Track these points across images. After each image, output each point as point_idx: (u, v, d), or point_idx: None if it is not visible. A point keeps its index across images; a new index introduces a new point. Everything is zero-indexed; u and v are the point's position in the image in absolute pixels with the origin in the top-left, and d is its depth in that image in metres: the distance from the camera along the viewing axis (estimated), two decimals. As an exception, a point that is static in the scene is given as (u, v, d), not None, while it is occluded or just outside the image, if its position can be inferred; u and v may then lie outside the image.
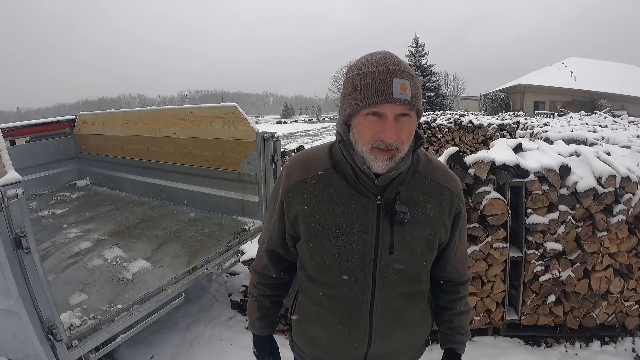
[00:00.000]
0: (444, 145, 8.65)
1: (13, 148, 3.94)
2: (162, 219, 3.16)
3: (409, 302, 0.95)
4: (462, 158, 2.21)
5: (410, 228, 0.88)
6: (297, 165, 0.93)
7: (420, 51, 35.15)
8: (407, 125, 0.80)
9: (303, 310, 1.00)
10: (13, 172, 1.41)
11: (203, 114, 3.10)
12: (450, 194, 0.93)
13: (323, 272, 0.92)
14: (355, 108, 0.80)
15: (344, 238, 0.87)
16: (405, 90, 0.77)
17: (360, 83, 0.79)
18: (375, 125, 0.79)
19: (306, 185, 0.90)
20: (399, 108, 0.77)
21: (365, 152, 0.81)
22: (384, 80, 0.77)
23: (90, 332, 1.73)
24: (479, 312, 2.34)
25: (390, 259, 0.88)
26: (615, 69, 27.70)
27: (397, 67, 0.78)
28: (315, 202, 0.88)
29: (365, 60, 0.82)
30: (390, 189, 0.86)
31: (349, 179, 0.87)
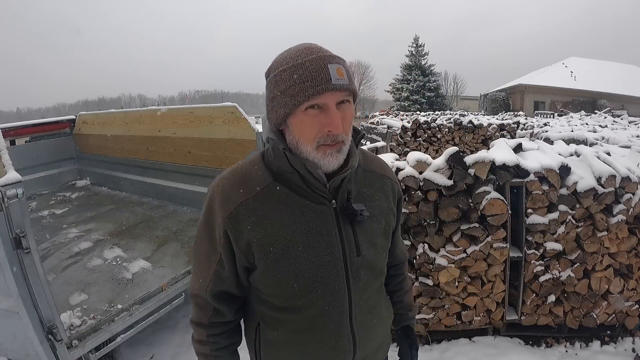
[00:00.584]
0: (444, 145, 8.64)
1: (13, 148, 3.94)
2: (162, 219, 3.16)
3: (378, 297, 0.95)
4: (462, 158, 2.21)
5: (369, 224, 0.86)
6: (231, 187, 0.81)
7: (420, 51, 35.13)
8: (348, 112, 0.76)
9: (274, 344, 0.89)
10: (13, 172, 1.41)
11: (203, 114, 3.10)
12: (390, 182, 0.93)
13: (294, 297, 0.82)
14: (293, 104, 0.72)
15: (309, 254, 0.79)
16: (342, 74, 0.72)
17: (293, 77, 0.71)
18: (318, 119, 0.72)
19: (250, 207, 0.78)
20: (340, 95, 0.72)
21: (311, 152, 0.75)
22: (319, 67, 0.71)
23: (90, 332, 1.73)
24: (479, 312, 2.34)
25: (359, 260, 0.84)
26: (615, 69, 27.69)
27: (327, 53, 0.74)
28: (266, 223, 0.78)
29: (289, 54, 0.75)
30: (342, 190, 0.82)
31: (297, 189, 0.80)
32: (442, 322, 2.36)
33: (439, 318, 2.35)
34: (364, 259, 0.85)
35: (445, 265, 2.22)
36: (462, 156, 2.22)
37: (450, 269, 2.23)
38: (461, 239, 2.21)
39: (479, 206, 2.16)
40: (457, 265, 2.23)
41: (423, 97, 33.26)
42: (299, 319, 0.85)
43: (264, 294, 0.85)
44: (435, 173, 2.20)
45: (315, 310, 0.83)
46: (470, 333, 2.42)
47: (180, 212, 3.31)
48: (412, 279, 2.31)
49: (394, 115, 17.14)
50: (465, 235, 2.22)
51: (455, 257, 2.22)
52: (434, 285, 2.28)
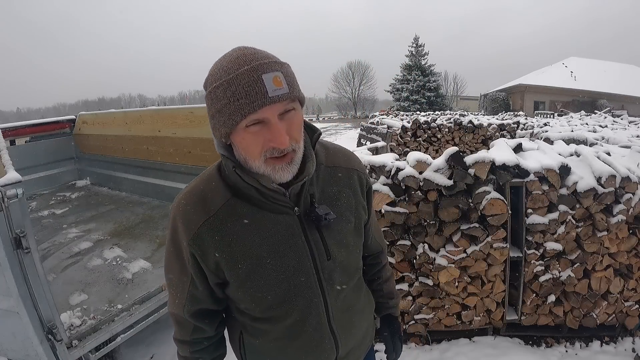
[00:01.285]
0: (444, 145, 8.64)
1: (13, 148, 3.94)
2: (162, 219, 3.16)
3: (355, 293, 0.95)
4: (462, 158, 2.21)
5: (337, 226, 0.84)
6: (191, 207, 0.79)
7: (420, 51, 35.14)
8: (295, 121, 0.72)
9: (258, 351, 0.91)
10: (13, 172, 1.41)
11: (203, 114, 3.10)
12: (357, 174, 0.90)
13: (270, 308, 0.83)
14: (231, 124, 0.68)
15: (278, 266, 0.79)
16: (280, 83, 0.67)
17: (227, 94, 0.67)
18: (260, 135, 0.69)
19: (213, 226, 0.77)
20: (280, 106, 0.68)
21: (261, 166, 0.72)
22: (253, 80, 0.66)
23: (90, 332, 1.73)
24: (479, 312, 2.34)
25: (330, 264, 0.84)
26: (615, 69, 27.69)
27: (262, 61, 0.68)
28: (231, 241, 0.77)
29: (222, 67, 0.70)
30: (304, 196, 0.79)
31: (257, 203, 0.78)
32: (442, 322, 2.36)
33: (439, 318, 2.35)
34: (335, 261, 0.84)
35: (445, 265, 2.22)
36: (462, 156, 2.22)
37: (450, 269, 2.23)
38: (461, 239, 2.21)
39: (479, 206, 2.16)
40: (457, 265, 2.23)
41: (423, 97, 33.25)
42: (278, 327, 0.85)
43: (244, 306, 0.85)
44: (435, 173, 2.20)
45: (293, 319, 0.84)
46: (470, 333, 2.42)
47: (180, 212, 3.31)
48: (412, 278, 2.32)
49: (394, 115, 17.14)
50: (465, 235, 2.22)
51: (455, 257, 2.22)
52: (434, 285, 2.28)
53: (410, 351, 2.33)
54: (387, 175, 2.25)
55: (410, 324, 2.36)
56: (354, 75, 51.98)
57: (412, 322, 2.36)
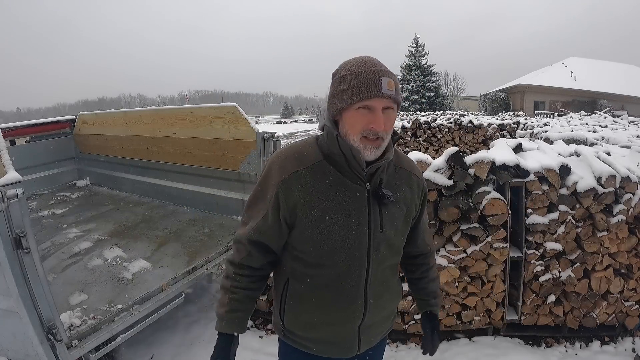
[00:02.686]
0: (444, 145, 8.64)
1: (13, 148, 3.93)
2: (162, 219, 3.16)
3: (392, 272, 1.10)
4: (462, 158, 2.21)
5: (393, 208, 1.01)
6: (288, 158, 0.99)
7: (420, 51, 35.14)
8: (391, 117, 0.93)
9: (298, 297, 1.05)
10: (13, 172, 1.41)
11: (203, 114, 3.10)
12: (417, 179, 1.09)
13: (323, 256, 0.98)
14: (349, 102, 0.90)
15: (342, 222, 0.96)
16: (391, 87, 0.90)
17: (354, 81, 0.90)
18: (366, 117, 0.90)
19: (301, 176, 0.96)
20: (386, 102, 0.90)
21: (356, 141, 0.92)
22: (375, 78, 0.89)
23: (90, 332, 1.73)
24: (479, 312, 2.34)
25: (381, 236, 1.00)
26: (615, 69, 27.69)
27: (383, 68, 0.92)
28: (312, 192, 0.95)
29: (354, 63, 0.93)
30: (376, 177, 0.98)
31: (341, 169, 0.96)
32: (442, 322, 2.36)
33: (439, 318, 2.35)
34: (384, 235, 1.00)
35: (445, 265, 2.22)
36: (462, 156, 2.22)
37: (450, 269, 2.23)
38: (461, 239, 2.21)
39: (479, 206, 2.16)
40: (457, 265, 2.23)
41: (423, 97, 33.25)
42: (324, 275, 1.00)
43: (299, 250, 1.01)
44: (435, 173, 2.20)
45: (338, 270, 0.99)
46: (470, 333, 2.42)
47: (180, 212, 3.30)
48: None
49: (394, 115, 17.09)
50: (465, 235, 2.22)
51: (455, 257, 2.22)
52: (434, 285, 2.28)
53: (410, 351, 2.33)
54: (387, 175, 2.24)
55: (410, 324, 2.36)
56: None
57: (412, 322, 2.36)
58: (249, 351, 2.33)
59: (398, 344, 2.41)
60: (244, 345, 2.42)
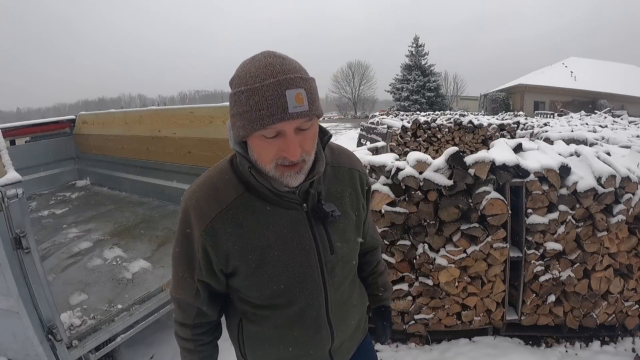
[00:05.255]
0: (444, 145, 8.64)
1: (13, 148, 3.94)
2: (162, 219, 3.16)
3: (351, 287, 0.99)
4: (462, 158, 2.21)
5: (341, 222, 0.89)
6: (203, 199, 0.83)
7: (420, 51, 35.13)
8: (310, 135, 0.75)
9: (256, 338, 0.94)
10: (13, 172, 1.41)
11: (203, 114, 3.10)
12: (358, 174, 0.95)
13: (273, 297, 0.86)
14: (250, 130, 0.71)
15: (285, 257, 0.83)
16: (301, 101, 0.69)
17: (249, 101, 0.69)
18: (275, 145, 0.72)
19: (226, 218, 0.80)
20: (297, 122, 0.70)
21: (271, 171, 0.76)
22: (276, 95, 0.68)
23: (90, 332, 1.73)
24: (479, 312, 2.34)
25: (333, 258, 0.89)
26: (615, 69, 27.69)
27: (287, 75, 0.69)
28: (242, 233, 0.81)
29: (249, 71, 0.71)
30: (312, 193, 0.84)
31: (268, 199, 0.82)
32: (442, 322, 2.36)
33: (439, 318, 2.35)
34: (337, 256, 0.89)
35: (445, 265, 2.22)
36: (462, 156, 2.22)
37: (450, 269, 2.23)
38: (461, 239, 2.21)
39: (479, 206, 2.16)
40: (457, 265, 2.23)
41: (423, 97, 33.24)
42: (279, 315, 0.89)
43: (244, 295, 0.89)
44: (435, 173, 2.20)
45: (294, 308, 0.88)
46: (470, 333, 2.42)
47: (180, 212, 3.31)
48: (412, 278, 2.32)
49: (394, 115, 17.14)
50: (465, 235, 2.22)
51: (455, 257, 2.22)
52: (434, 285, 2.28)
53: (410, 351, 2.33)
54: (387, 175, 2.25)
55: (410, 324, 2.36)
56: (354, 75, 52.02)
57: (412, 322, 2.36)
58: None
59: (398, 344, 2.41)
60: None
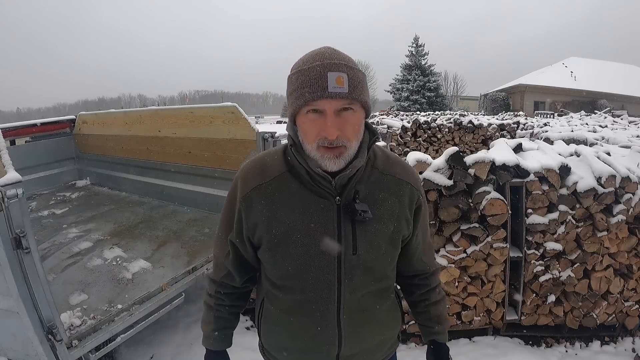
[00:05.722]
0: (444, 145, 8.64)
1: (13, 148, 3.93)
2: (162, 219, 3.16)
3: (376, 300, 0.94)
4: (462, 158, 2.21)
5: (373, 226, 0.87)
6: (252, 171, 0.90)
7: (420, 51, 35.13)
8: (351, 121, 0.78)
9: (270, 318, 0.97)
10: (13, 172, 1.41)
11: (203, 114, 3.10)
12: (409, 188, 0.91)
13: (287, 278, 0.89)
14: (296, 106, 0.78)
15: (306, 243, 0.85)
16: (341, 83, 0.74)
17: (297, 81, 0.77)
18: (317, 123, 0.77)
19: (263, 191, 0.86)
20: (337, 103, 0.75)
21: (313, 151, 0.80)
22: (319, 75, 0.74)
23: (90, 332, 1.73)
24: (479, 312, 2.34)
25: (354, 259, 0.86)
26: (615, 69, 27.70)
27: (333, 61, 0.76)
28: (274, 208, 0.86)
29: (303, 58, 0.80)
30: (349, 188, 0.84)
31: (305, 182, 0.85)
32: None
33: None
34: (359, 258, 0.87)
35: (445, 265, 2.22)
36: (462, 156, 2.22)
37: (450, 269, 2.23)
38: (461, 239, 2.21)
39: (479, 206, 2.16)
40: (457, 265, 2.23)
41: (423, 97, 33.25)
42: (290, 299, 0.91)
43: (267, 270, 0.93)
44: (435, 173, 2.20)
45: (304, 295, 0.89)
46: (470, 333, 2.42)
47: (180, 212, 3.30)
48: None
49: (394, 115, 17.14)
50: (465, 235, 2.22)
51: (455, 257, 2.22)
52: (434, 285, 2.28)
53: (411, 351, 2.33)
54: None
55: (410, 324, 2.36)
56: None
57: (412, 322, 2.36)
58: (249, 351, 2.33)
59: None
60: (244, 345, 2.43)
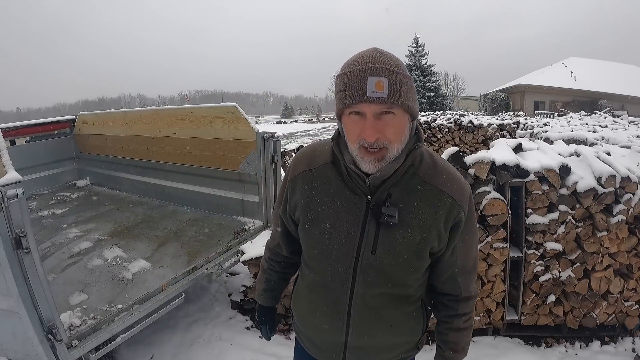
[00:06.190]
0: (444, 145, 8.65)
1: (13, 148, 3.93)
2: (162, 219, 3.16)
3: (391, 302, 0.94)
4: (462, 158, 2.21)
5: (398, 232, 0.86)
6: (303, 157, 0.99)
7: (420, 51, 35.14)
8: (392, 124, 0.79)
9: (298, 291, 1.09)
10: (13, 172, 1.41)
11: (203, 114, 3.10)
12: (450, 201, 0.87)
13: (312, 259, 0.98)
14: (339, 107, 0.82)
15: (332, 231, 0.91)
16: (381, 88, 0.76)
17: (341, 83, 0.81)
18: (358, 124, 0.80)
19: (308, 177, 0.95)
20: (376, 107, 0.77)
21: (355, 150, 0.83)
22: (359, 79, 0.77)
23: (90, 332, 1.73)
24: (479, 312, 2.34)
25: (372, 258, 0.89)
26: (615, 69, 27.69)
27: (374, 65, 0.77)
28: (313, 194, 0.93)
29: (350, 60, 0.82)
30: (381, 190, 0.86)
31: (343, 176, 0.90)
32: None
33: None
34: (377, 259, 0.88)
35: (445, 265, 2.22)
36: (462, 156, 2.22)
37: (450, 269, 2.22)
38: (461, 239, 2.21)
39: (479, 206, 2.16)
40: (457, 265, 2.23)
41: (423, 97, 33.23)
42: (312, 278, 1.00)
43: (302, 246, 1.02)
44: (435, 173, 2.20)
45: (322, 278, 0.97)
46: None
47: (180, 212, 3.30)
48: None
49: (394, 115, 17.09)
50: (465, 235, 2.21)
51: (455, 257, 2.22)
52: (434, 285, 2.28)
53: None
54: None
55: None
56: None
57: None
58: (248, 351, 2.33)
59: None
60: (243, 345, 2.43)
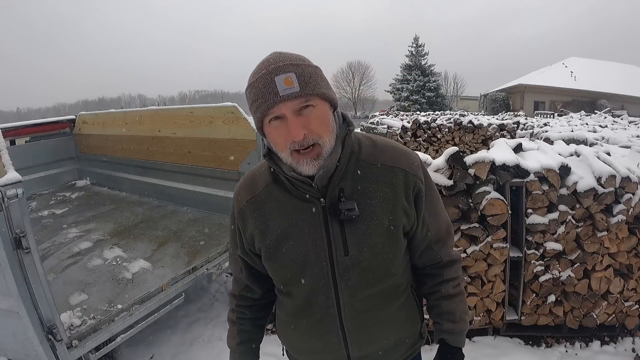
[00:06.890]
0: (444, 145, 8.64)
1: (13, 148, 3.94)
2: (162, 219, 3.16)
3: (384, 301, 0.90)
4: (462, 158, 2.21)
5: (364, 224, 0.83)
6: (243, 187, 0.94)
7: (420, 51, 35.15)
8: (315, 116, 0.76)
9: (281, 322, 1.01)
10: (13, 172, 1.41)
11: (203, 114, 3.10)
12: (403, 174, 0.85)
13: (287, 284, 0.92)
14: (258, 119, 0.79)
15: (298, 248, 0.86)
16: (290, 83, 0.73)
17: (251, 94, 0.78)
18: (281, 129, 0.76)
19: (255, 204, 0.90)
20: (292, 103, 0.74)
21: (288, 157, 0.79)
22: (267, 83, 0.74)
23: (90, 332, 1.73)
24: (479, 312, 2.34)
25: (347, 260, 0.84)
26: (615, 69, 27.69)
27: (277, 64, 0.75)
28: (266, 218, 0.88)
29: (253, 71, 0.80)
30: (331, 187, 0.82)
31: (289, 189, 0.86)
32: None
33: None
34: (353, 259, 0.84)
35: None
36: (462, 156, 2.22)
37: (450, 269, 2.22)
38: (461, 239, 2.21)
39: (479, 206, 2.16)
40: (457, 265, 2.23)
41: (423, 97, 33.27)
42: (292, 304, 0.94)
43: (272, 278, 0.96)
44: (435, 173, 2.20)
45: (303, 300, 0.91)
46: (470, 333, 2.42)
47: (180, 212, 3.31)
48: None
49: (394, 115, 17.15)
50: (465, 235, 2.21)
51: (455, 257, 2.22)
52: (434, 285, 2.28)
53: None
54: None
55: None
56: (354, 75, 52.09)
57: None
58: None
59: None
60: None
